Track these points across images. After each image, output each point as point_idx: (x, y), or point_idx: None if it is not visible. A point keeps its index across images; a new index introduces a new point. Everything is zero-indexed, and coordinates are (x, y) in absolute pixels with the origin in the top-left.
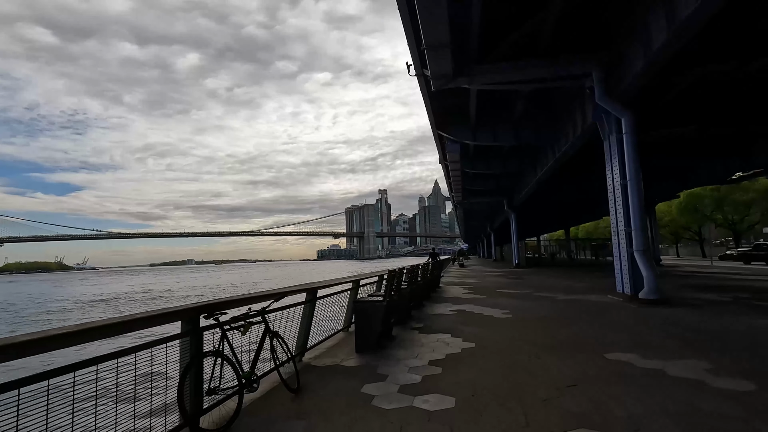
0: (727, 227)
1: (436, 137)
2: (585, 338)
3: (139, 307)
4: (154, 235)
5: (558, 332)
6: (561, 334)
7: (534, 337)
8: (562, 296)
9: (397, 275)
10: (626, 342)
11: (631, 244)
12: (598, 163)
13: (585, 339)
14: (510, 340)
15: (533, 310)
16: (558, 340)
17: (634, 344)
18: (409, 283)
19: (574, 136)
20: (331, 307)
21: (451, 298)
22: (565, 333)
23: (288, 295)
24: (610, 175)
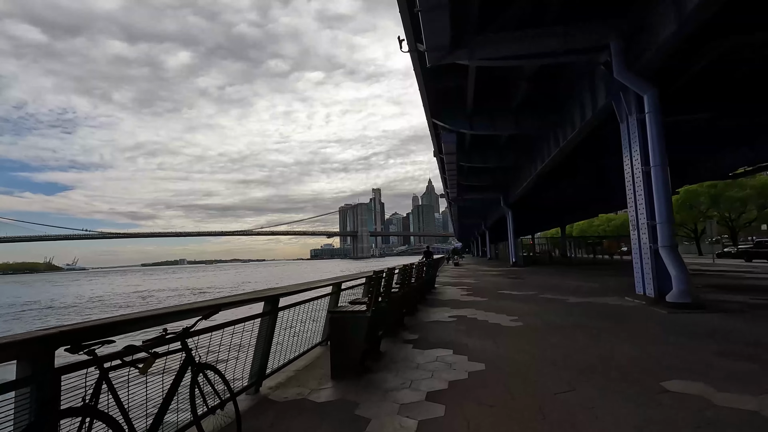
0: (724, 225)
1: (430, 126)
2: (623, 357)
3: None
4: (145, 234)
5: (586, 347)
6: (591, 351)
7: (557, 355)
8: (573, 299)
9: (386, 278)
10: (679, 363)
11: (655, 239)
12: (599, 155)
13: (623, 358)
14: (528, 358)
15: (545, 316)
16: (589, 359)
17: (692, 367)
18: (401, 286)
19: (582, 121)
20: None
21: (448, 301)
22: (595, 349)
23: (231, 306)
24: (629, 161)
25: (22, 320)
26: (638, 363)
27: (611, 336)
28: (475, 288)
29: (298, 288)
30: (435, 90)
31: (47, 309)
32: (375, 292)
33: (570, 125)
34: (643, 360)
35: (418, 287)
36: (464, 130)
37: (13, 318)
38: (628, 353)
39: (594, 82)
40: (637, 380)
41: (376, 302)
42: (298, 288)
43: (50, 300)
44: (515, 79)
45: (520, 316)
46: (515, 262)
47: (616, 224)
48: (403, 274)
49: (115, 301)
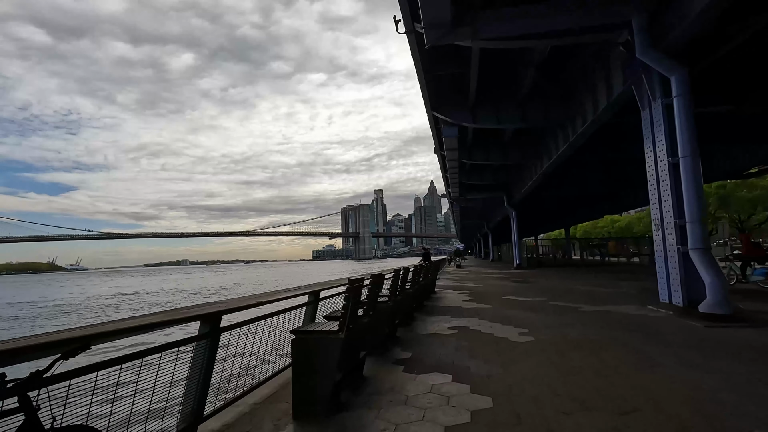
0: (733, 226)
1: (431, 120)
2: (674, 393)
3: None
4: (148, 235)
5: (619, 375)
6: (627, 382)
7: (585, 387)
8: (588, 307)
9: (371, 286)
10: (754, 406)
11: (683, 240)
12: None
13: (675, 396)
14: (547, 392)
15: (560, 328)
16: (628, 395)
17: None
18: (392, 294)
19: (595, 113)
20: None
21: (449, 308)
22: (632, 377)
23: (126, 335)
24: (651, 153)
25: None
26: (699, 405)
27: (646, 358)
28: (479, 293)
29: (250, 302)
30: (435, 79)
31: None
32: (351, 307)
33: (581, 118)
34: (703, 399)
35: (415, 293)
36: (466, 123)
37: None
38: (678, 388)
39: (609, 69)
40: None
41: (354, 319)
42: (248, 302)
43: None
44: (522, 66)
45: (530, 328)
46: (519, 264)
47: (620, 226)
48: (395, 279)
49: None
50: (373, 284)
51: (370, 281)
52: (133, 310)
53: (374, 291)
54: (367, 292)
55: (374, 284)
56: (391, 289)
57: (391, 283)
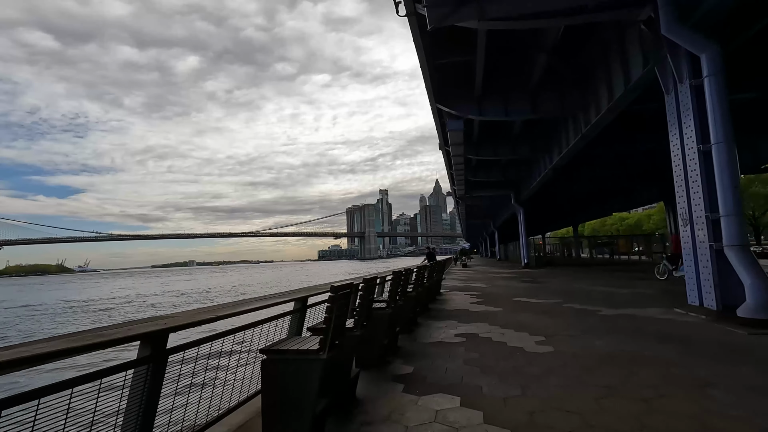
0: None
1: (434, 113)
2: (740, 428)
3: None
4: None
5: (662, 399)
6: (673, 407)
7: (624, 417)
8: (608, 310)
9: (364, 292)
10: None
11: (716, 236)
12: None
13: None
14: (579, 424)
15: (581, 336)
16: (682, 430)
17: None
18: (391, 299)
19: (611, 101)
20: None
21: (455, 311)
22: (679, 404)
23: (47, 360)
24: (678, 140)
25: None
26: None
27: (693, 377)
28: (487, 294)
29: (204, 316)
30: (439, 69)
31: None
32: (335, 320)
33: (595, 107)
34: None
35: (419, 297)
36: (472, 115)
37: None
38: (744, 420)
39: (627, 53)
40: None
41: (340, 334)
42: (203, 316)
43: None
44: (532, 52)
45: (547, 335)
46: (527, 263)
47: (629, 223)
48: (395, 283)
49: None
50: (365, 290)
51: (362, 286)
52: (95, 322)
53: (367, 298)
54: (360, 300)
55: (367, 290)
56: (391, 294)
57: (390, 287)
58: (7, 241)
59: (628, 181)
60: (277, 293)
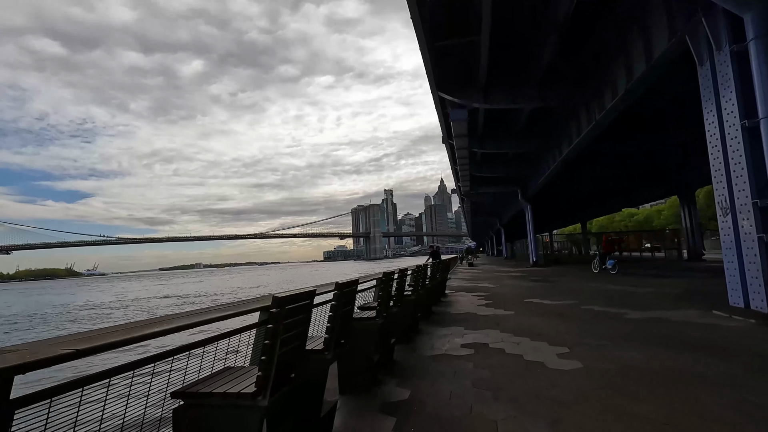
0: None
1: (437, 103)
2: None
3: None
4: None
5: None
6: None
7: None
8: (634, 313)
9: (338, 302)
10: None
11: (766, 226)
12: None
13: None
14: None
15: (610, 347)
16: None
17: None
18: (382, 308)
19: (630, 81)
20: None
21: (461, 315)
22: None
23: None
24: (715, 117)
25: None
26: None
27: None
28: (495, 295)
29: (62, 350)
30: (441, 54)
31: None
32: (271, 350)
33: (610, 90)
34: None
35: (419, 301)
36: (477, 104)
37: None
38: None
39: (648, 25)
40: None
41: (292, 364)
42: (60, 349)
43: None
44: (542, 31)
45: (570, 346)
46: (536, 261)
47: (639, 219)
48: (385, 287)
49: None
50: (340, 298)
51: (336, 294)
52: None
53: (342, 309)
54: (331, 312)
55: (342, 298)
56: (382, 301)
57: (381, 292)
58: (17, 246)
59: (628, 181)
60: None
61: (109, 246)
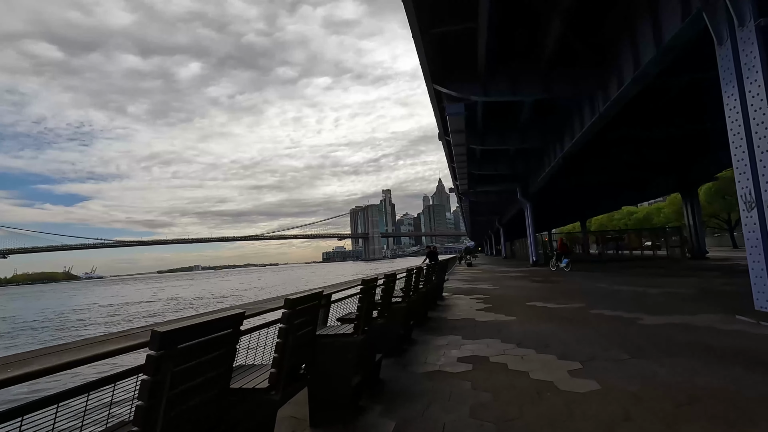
0: None
1: (432, 97)
2: None
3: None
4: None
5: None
6: None
7: None
8: (649, 318)
9: (288, 324)
10: None
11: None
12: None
13: None
14: None
15: (632, 362)
16: None
17: None
18: (362, 323)
19: (637, 69)
20: None
21: (459, 322)
22: None
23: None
24: (735, 101)
25: None
26: None
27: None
28: (496, 298)
29: None
30: (436, 40)
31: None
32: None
33: (616, 80)
34: None
35: (412, 308)
36: (475, 96)
37: None
38: None
39: (657, 10)
40: None
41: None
42: None
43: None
44: (545, 17)
45: (582, 359)
46: (536, 260)
47: (638, 217)
48: (365, 298)
49: None
50: (290, 319)
51: (285, 315)
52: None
53: (295, 333)
54: (282, 336)
55: (294, 318)
56: (360, 315)
57: (359, 304)
58: (14, 250)
59: (642, 171)
60: (118, 334)
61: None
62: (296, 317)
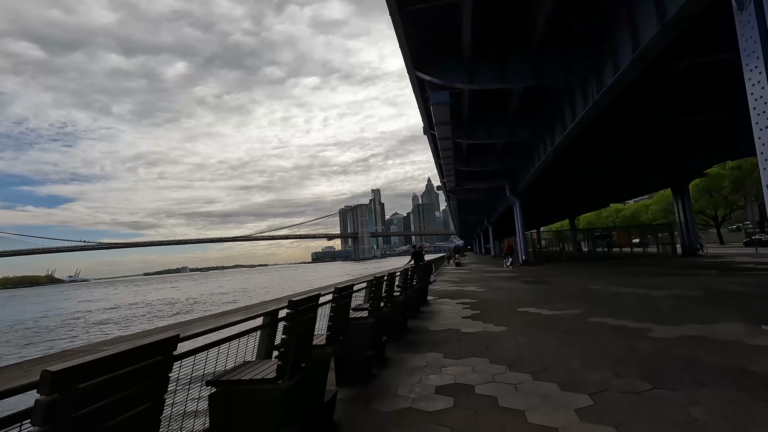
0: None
1: (414, 86)
2: None
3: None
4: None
5: None
6: None
7: None
8: (660, 329)
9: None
10: None
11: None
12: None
13: None
14: None
15: (658, 398)
16: None
17: None
18: (283, 362)
19: (638, 48)
20: None
21: (442, 334)
22: None
23: None
24: (762, 74)
25: None
26: None
27: None
28: (484, 302)
29: None
30: (415, 20)
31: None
32: None
33: (611, 65)
34: None
35: (389, 317)
36: (461, 84)
37: None
38: None
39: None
40: None
41: None
42: None
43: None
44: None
45: (593, 391)
46: (526, 259)
47: (626, 215)
48: (297, 325)
49: None
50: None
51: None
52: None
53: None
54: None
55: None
56: (280, 349)
57: (281, 336)
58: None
59: (633, 167)
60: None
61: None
62: (299, 316)
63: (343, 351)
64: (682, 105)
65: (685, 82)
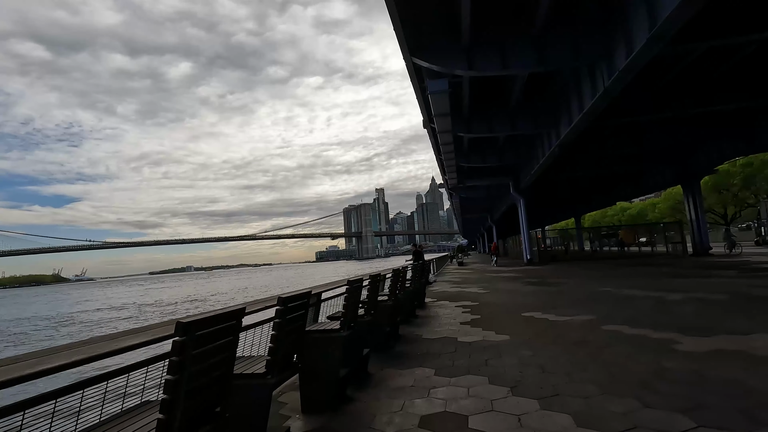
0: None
1: (411, 74)
2: None
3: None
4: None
5: None
6: None
7: None
8: (688, 340)
9: None
10: None
11: None
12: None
13: None
14: None
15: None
16: None
17: None
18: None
19: (655, 26)
20: None
21: (436, 343)
22: None
23: None
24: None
25: None
26: None
27: None
28: (485, 306)
29: None
30: (411, 1)
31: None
32: None
33: (624, 46)
34: None
35: (376, 323)
36: (460, 70)
37: None
38: None
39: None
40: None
41: None
42: None
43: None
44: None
45: (619, 430)
46: (530, 259)
47: (632, 213)
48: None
49: None
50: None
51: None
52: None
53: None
54: None
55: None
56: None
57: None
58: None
59: (639, 162)
60: None
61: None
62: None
63: (310, 369)
64: (696, 94)
65: (702, 66)
